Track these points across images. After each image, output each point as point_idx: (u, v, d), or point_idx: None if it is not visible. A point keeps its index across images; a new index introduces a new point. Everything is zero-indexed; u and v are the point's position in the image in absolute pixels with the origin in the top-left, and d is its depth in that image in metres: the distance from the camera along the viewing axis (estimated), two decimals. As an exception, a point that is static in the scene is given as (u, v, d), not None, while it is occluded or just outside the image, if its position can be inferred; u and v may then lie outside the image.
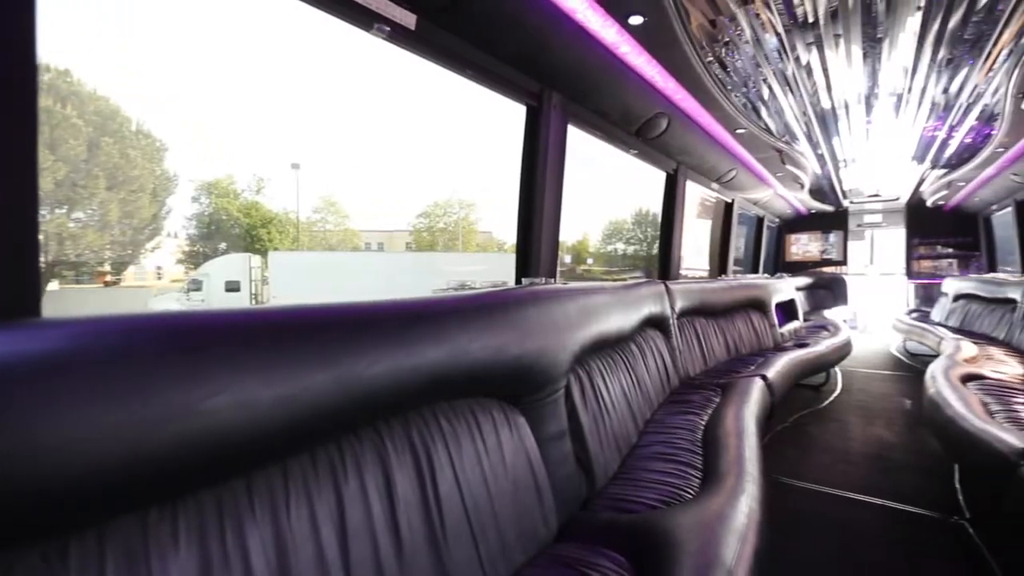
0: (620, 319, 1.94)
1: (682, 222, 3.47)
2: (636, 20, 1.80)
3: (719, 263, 4.98)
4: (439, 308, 1.06)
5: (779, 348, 3.78)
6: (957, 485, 2.33)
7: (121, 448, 0.60)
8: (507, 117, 2.24)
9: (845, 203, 7.03)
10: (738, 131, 3.22)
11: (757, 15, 2.06)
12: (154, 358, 0.66)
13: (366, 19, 1.43)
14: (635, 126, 2.70)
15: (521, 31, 1.72)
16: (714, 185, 4.15)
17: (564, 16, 1.66)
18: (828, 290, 7.26)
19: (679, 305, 2.85)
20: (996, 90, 2.79)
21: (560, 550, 1.12)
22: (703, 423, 1.92)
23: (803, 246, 8.03)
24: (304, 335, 0.82)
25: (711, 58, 2.39)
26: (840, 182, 5.61)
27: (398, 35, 1.54)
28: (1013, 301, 3.95)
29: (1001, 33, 2.18)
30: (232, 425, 0.69)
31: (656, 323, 2.52)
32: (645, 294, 2.39)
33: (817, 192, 6.07)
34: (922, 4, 1.92)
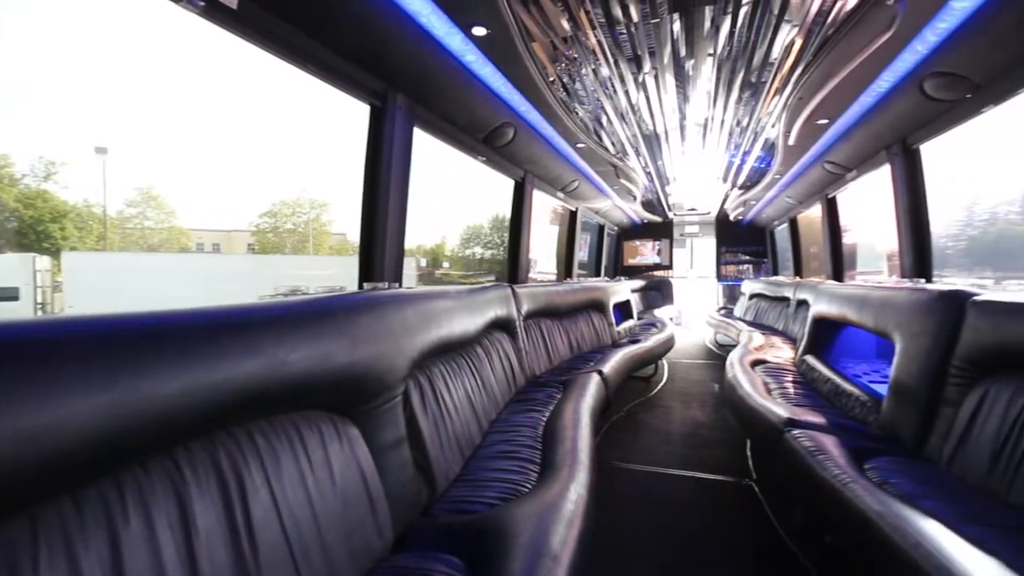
0: (465, 322, 1.97)
1: (530, 228, 3.65)
2: (480, 31, 1.85)
3: (565, 267, 5.34)
4: (253, 316, 0.96)
5: (616, 345, 4.17)
6: (748, 453, 2.79)
7: None
8: (362, 116, 2.15)
9: (671, 215, 8.04)
10: (578, 145, 3.48)
11: (590, 46, 2.25)
12: None
13: None
14: (483, 133, 2.77)
15: (362, 27, 1.66)
16: (559, 194, 4.44)
17: (408, 17, 1.64)
18: (658, 291, 8.23)
19: (525, 307, 2.98)
20: (774, 126, 3.41)
21: (396, 561, 1.09)
22: (544, 419, 2.03)
23: (638, 252, 8.99)
24: (66, 353, 0.68)
25: (553, 77, 2.55)
26: (666, 196, 6.39)
27: (216, 13, 1.37)
28: (787, 299, 4.85)
29: (773, 81, 2.67)
30: None
31: (503, 325, 2.60)
32: (491, 297, 2.45)
33: (648, 204, 6.85)
34: (715, 52, 2.27)
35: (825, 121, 3.02)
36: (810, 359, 2.97)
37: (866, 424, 2.06)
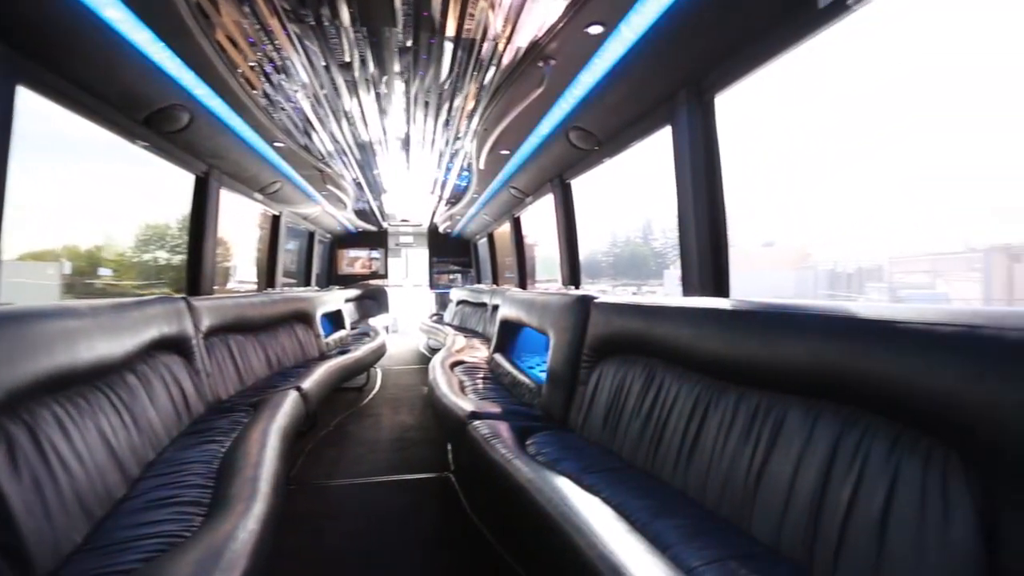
0: (103, 346, 1.55)
1: (216, 232, 3.16)
2: None
3: (267, 276, 4.84)
4: None
5: (324, 357, 3.98)
6: (448, 447, 3.01)
7: None
8: None
9: (385, 225, 8.17)
10: (276, 144, 3.20)
11: (279, 42, 2.07)
12: None
13: None
14: (143, 114, 2.27)
15: None
16: (258, 196, 3.99)
17: None
18: (374, 300, 8.26)
19: (207, 323, 2.56)
20: (469, 150, 3.79)
21: None
22: (224, 450, 1.77)
23: (353, 261, 8.85)
24: None
25: (243, 66, 2.25)
26: (381, 206, 6.44)
27: None
28: (486, 304, 5.48)
29: (464, 108, 2.97)
30: None
31: (172, 345, 2.17)
32: (153, 313, 2.01)
33: (362, 213, 6.79)
34: (403, 72, 2.38)
35: (507, 152, 3.54)
36: (497, 357, 3.41)
37: (532, 407, 2.47)
